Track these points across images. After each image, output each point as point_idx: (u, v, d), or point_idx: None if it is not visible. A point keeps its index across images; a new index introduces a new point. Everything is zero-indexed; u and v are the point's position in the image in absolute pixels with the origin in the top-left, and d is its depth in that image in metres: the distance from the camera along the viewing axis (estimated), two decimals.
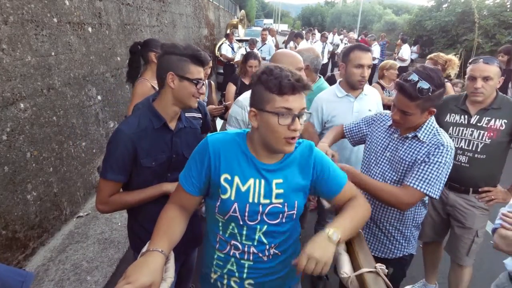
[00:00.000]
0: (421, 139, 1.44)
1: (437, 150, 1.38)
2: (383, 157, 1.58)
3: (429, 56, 3.35)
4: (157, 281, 0.96)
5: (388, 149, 1.56)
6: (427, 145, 1.42)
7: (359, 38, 12.66)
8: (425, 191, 1.36)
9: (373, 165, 1.62)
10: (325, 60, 8.54)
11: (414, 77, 1.34)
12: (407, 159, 1.46)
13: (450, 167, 1.39)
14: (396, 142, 1.54)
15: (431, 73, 1.34)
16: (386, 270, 1.04)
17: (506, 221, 1.31)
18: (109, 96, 3.98)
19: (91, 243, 2.90)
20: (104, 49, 3.87)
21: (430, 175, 1.36)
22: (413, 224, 1.60)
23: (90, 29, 3.53)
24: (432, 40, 13.97)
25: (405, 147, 1.49)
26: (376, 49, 9.15)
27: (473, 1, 11.56)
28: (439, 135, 1.44)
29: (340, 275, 1.04)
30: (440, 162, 1.36)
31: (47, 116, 2.81)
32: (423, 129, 1.45)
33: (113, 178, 1.36)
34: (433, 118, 1.49)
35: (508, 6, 10.91)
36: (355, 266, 1.08)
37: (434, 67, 1.42)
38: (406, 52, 9.73)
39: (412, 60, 11.65)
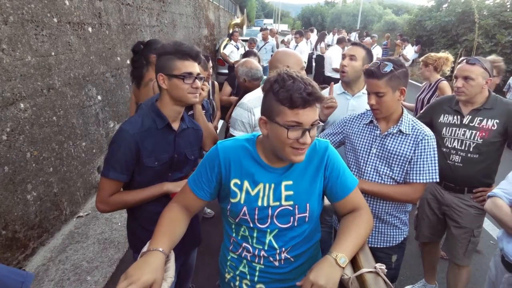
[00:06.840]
0: (404, 132, 1.57)
1: (423, 141, 1.54)
2: (370, 154, 1.64)
3: (420, 59, 3.36)
4: (159, 279, 0.96)
5: (373, 146, 1.63)
6: (411, 136, 1.56)
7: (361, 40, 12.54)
8: (428, 180, 1.54)
9: (362, 164, 1.66)
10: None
11: (377, 63, 1.55)
12: (396, 152, 1.58)
13: (436, 150, 1.58)
14: (380, 139, 1.62)
15: (391, 58, 1.56)
16: (386, 270, 1.05)
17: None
18: (109, 96, 3.98)
19: (91, 243, 2.90)
20: (104, 49, 3.87)
21: (427, 165, 1.54)
22: (407, 209, 1.75)
23: (90, 29, 3.53)
24: (432, 40, 13.97)
25: (391, 142, 1.59)
26: (378, 50, 9.21)
27: (473, 1, 11.55)
28: (417, 124, 1.60)
29: (341, 277, 1.04)
30: (430, 152, 1.54)
31: (47, 116, 2.81)
32: (403, 123, 1.58)
33: (115, 177, 1.36)
34: (405, 110, 1.65)
35: (508, 6, 10.91)
36: (355, 266, 1.08)
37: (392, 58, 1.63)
38: (410, 51, 9.89)
39: (413, 61, 11.68)
